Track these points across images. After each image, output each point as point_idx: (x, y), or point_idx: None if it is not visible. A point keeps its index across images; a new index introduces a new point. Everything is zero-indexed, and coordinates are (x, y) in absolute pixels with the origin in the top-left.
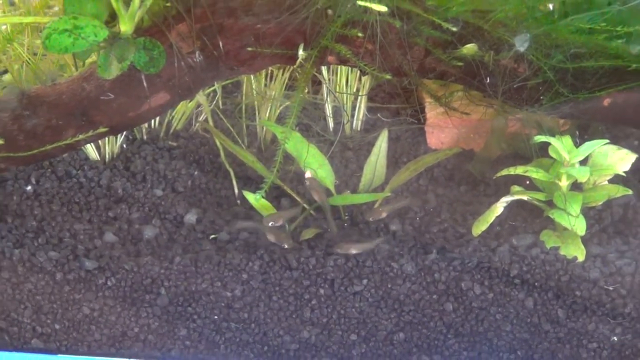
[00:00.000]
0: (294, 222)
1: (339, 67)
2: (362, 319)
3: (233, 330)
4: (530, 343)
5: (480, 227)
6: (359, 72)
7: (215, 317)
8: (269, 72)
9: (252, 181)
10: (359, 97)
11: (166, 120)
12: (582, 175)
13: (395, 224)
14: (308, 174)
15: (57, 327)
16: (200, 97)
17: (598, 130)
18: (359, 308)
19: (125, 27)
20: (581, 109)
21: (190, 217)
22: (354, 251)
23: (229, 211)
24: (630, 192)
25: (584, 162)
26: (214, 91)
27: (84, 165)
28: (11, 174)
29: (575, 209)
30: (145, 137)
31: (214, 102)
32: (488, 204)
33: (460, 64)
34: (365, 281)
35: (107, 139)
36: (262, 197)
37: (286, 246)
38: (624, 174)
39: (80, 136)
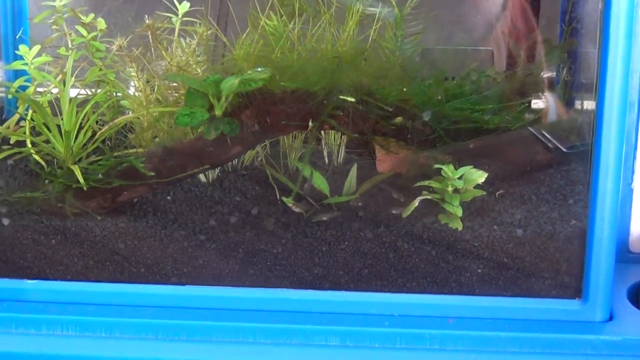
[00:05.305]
0: (310, 211)
1: (330, 130)
2: (345, 262)
3: (278, 269)
4: (434, 273)
5: (406, 213)
6: (340, 133)
7: (268, 263)
8: (294, 134)
9: (286, 191)
10: (341, 146)
11: (241, 160)
12: (459, 184)
13: (361, 211)
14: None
15: (185, 270)
16: (258, 147)
17: (467, 161)
18: (343, 257)
19: (218, 112)
20: (458, 150)
21: (254, 211)
22: (417, 201)
23: (274, 207)
24: (484, 193)
25: (460, 178)
26: (265, 145)
27: (198, 185)
28: (159, 190)
29: (456, 202)
30: (230, 169)
31: (265, 150)
32: (410, 201)
33: (394, 127)
34: (346, 242)
35: (209, 171)
36: (292, 199)
37: (297, 210)
38: (481, 184)
39: (195, 170)
